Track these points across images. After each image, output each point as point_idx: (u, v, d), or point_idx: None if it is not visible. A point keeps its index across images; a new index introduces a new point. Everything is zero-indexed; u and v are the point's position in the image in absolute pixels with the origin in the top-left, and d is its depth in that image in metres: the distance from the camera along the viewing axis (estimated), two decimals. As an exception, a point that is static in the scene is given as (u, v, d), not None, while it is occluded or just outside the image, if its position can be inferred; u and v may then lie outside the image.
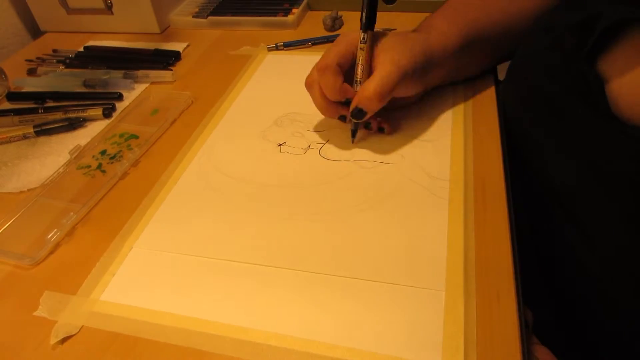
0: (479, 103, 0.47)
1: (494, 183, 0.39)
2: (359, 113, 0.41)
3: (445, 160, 0.41)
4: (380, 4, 0.46)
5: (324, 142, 0.45)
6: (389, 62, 0.40)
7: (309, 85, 0.44)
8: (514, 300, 0.30)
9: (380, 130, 0.45)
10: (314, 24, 0.68)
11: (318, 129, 0.47)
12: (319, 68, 0.41)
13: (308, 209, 0.38)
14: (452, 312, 0.30)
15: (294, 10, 0.69)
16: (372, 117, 0.43)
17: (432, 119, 0.46)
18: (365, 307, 0.31)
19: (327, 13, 0.66)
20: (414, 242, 0.35)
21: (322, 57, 0.42)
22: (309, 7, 0.72)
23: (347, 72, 0.42)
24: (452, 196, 0.38)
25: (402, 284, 0.32)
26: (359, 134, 0.45)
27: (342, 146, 0.45)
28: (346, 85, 0.41)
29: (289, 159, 0.44)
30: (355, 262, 0.34)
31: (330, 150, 0.44)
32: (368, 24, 0.41)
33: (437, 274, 0.32)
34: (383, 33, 0.43)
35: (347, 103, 0.42)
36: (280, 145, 0.46)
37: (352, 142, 0.45)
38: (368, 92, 0.39)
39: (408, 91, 0.43)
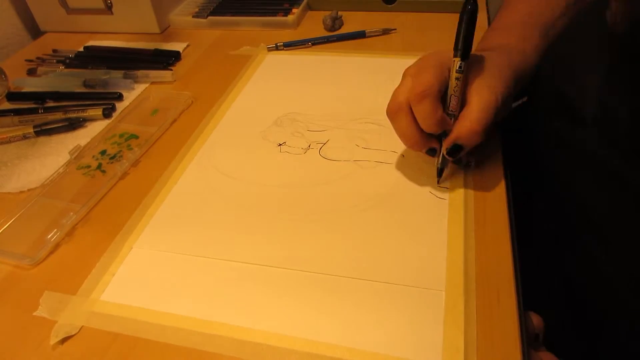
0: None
1: (494, 183, 0.39)
2: (455, 149, 0.36)
3: (445, 160, 0.41)
4: (380, 3, 0.45)
5: (324, 142, 0.45)
6: (486, 90, 0.35)
7: (394, 111, 0.37)
8: (514, 300, 0.30)
9: (467, 166, 0.40)
10: (314, 24, 0.68)
11: (318, 129, 0.47)
12: (417, 94, 0.35)
13: (308, 209, 0.38)
14: (452, 312, 0.30)
15: (294, 10, 0.69)
16: (468, 154, 0.38)
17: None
18: (365, 307, 0.31)
19: (327, 13, 0.66)
20: (414, 242, 0.35)
21: (417, 81, 0.35)
22: (309, 7, 0.73)
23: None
24: (452, 196, 0.38)
25: (403, 284, 0.32)
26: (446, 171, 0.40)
27: (342, 146, 0.45)
28: (445, 115, 0.36)
29: (289, 159, 0.44)
30: (355, 262, 0.34)
31: (330, 150, 0.44)
32: (465, 51, 0.35)
33: (437, 274, 0.32)
34: (472, 56, 0.37)
35: (437, 134, 0.37)
36: (280, 145, 0.46)
37: (438, 182, 0.39)
38: (469, 125, 0.35)
39: (499, 118, 0.37)
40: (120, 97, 0.56)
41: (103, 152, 0.47)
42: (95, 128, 0.52)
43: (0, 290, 0.35)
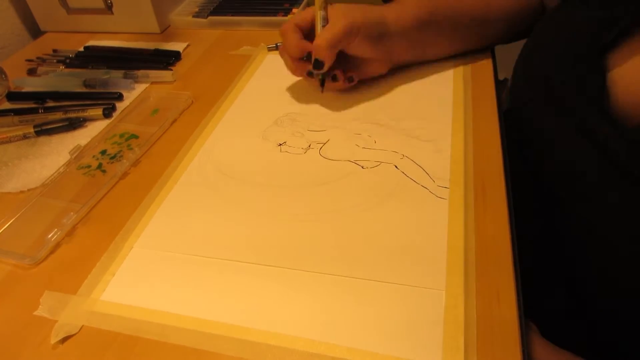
0: (479, 103, 0.47)
1: (494, 183, 0.39)
2: (317, 63, 0.45)
3: (445, 160, 0.41)
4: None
5: (324, 142, 0.45)
6: (340, 15, 0.45)
7: (280, 52, 0.49)
8: (514, 300, 0.30)
9: (350, 79, 0.49)
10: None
11: (318, 129, 0.47)
12: (280, 32, 0.47)
13: (308, 209, 0.38)
14: (452, 312, 0.30)
15: (294, 10, 0.69)
16: (337, 70, 0.47)
17: (432, 119, 0.46)
18: (365, 306, 0.31)
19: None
20: (414, 242, 0.35)
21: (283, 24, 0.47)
22: (308, 5, 0.72)
23: (311, 36, 0.46)
24: (452, 196, 0.38)
25: (402, 284, 0.32)
26: (327, 86, 0.49)
27: (342, 146, 0.45)
28: (305, 41, 0.46)
29: (289, 159, 0.44)
30: (355, 262, 0.34)
31: (330, 150, 0.44)
32: None
33: (437, 274, 0.32)
34: (341, 3, 0.47)
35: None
36: (280, 145, 0.46)
37: (322, 91, 0.49)
38: (319, 41, 0.44)
39: (365, 51, 0.47)
40: (120, 97, 0.56)
41: (103, 152, 0.47)
42: (96, 128, 0.52)
43: (0, 290, 0.35)
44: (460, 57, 0.53)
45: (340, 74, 0.48)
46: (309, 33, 0.47)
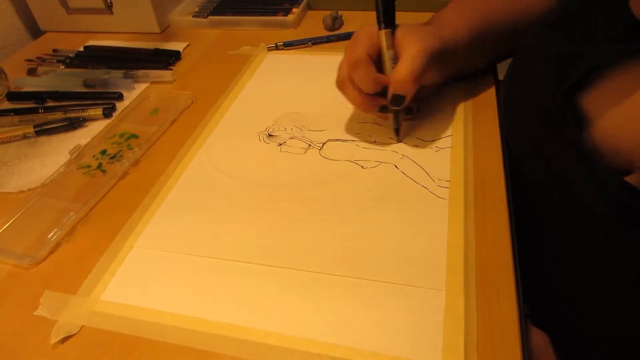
0: (479, 103, 0.47)
1: (494, 183, 0.39)
2: (397, 99, 0.40)
3: (446, 160, 0.41)
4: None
5: (324, 142, 0.45)
6: (416, 43, 0.40)
7: (341, 83, 0.43)
8: (514, 300, 0.30)
9: (419, 110, 0.46)
10: (314, 23, 0.68)
11: (318, 129, 0.47)
12: (350, 63, 0.40)
13: (308, 209, 0.38)
14: (452, 312, 0.30)
15: (294, 10, 0.69)
16: (410, 102, 0.42)
17: (432, 119, 0.46)
18: (365, 306, 0.31)
19: (327, 12, 0.66)
20: (414, 242, 0.35)
21: (349, 53, 0.41)
22: (309, 7, 0.72)
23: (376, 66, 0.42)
24: (452, 196, 0.38)
25: (402, 284, 0.32)
26: (403, 129, 0.44)
27: (342, 146, 0.45)
28: (381, 75, 0.41)
29: (289, 159, 0.44)
30: (355, 262, 0.34)
31: (331, 150, 0.44)
32: (389, 20, 0.41)
33: (437, 274, 0.32)
34: (399, 25, 0.42)
35: (383, 94, 0.42)
36: (280, 145, 0.46)
37: (398, 140, 0.44)
38: (402, 74, 0.39)
39: (433, 77, 0.43)
40: (120, 97, 0.56)
41: (103, 152, 0.47)
42: (96, 128, 0.52)
43: (0, 290, 0.35)
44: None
45: (414, 104, 0.45)
46: (375, 60, 0.42)
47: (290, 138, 0.46)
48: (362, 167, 0.42)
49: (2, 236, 0.39)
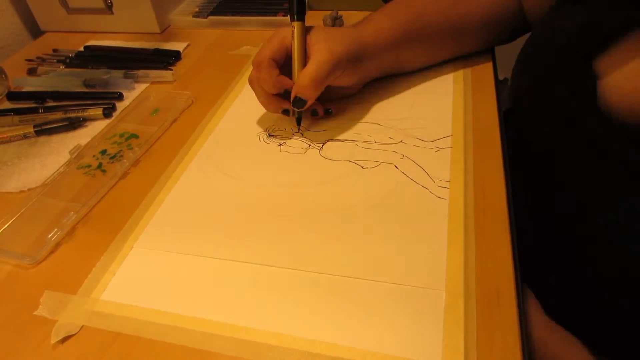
0: (479, 103, 0.47)
1: (494, 183, 0.39)
2: (298, 102, 0.42)
3: (445, 160, 0.41)
4: (380, 3, 0.47)
5: (324, 142, 0.45)
6: (323, 50, 0.42)
7: (250, 82, 0.45)
8: (514, 300, 0.30)
9: (328, 112, 0.48)
10: (314, 23, 0.68)
11: (318, 129, 0.47)
12: (254, 64, 0.43)
13: (308, 209, 0.38)
14: (452, 312, 0.30)
15: (294, 10, 0.69)
16: (316, 104, 0.45)
17: (432, 119, 0.46)
18: (365, 306, 0.31)
19: (327, 13, 0.66)
20: (414, 242, 0.35)
21: (257, 54, 0.43)
22: (309, 7, 0.72)
23: (286, 67, 0.43)
24: (452, 196, 0.38)
25: (402, 284, 0.32)
26: (306, 121, 0.47)
27: (342, 146, 0.45)
28: (282, 77, 0.43)
29: (289, 159, 0.44)
30: (355, 262, 0.34)
31: (330, 150, 0.44)
32: (298, 14, 0.43)
33: (437, 274, 0.32)
34: (316, 27, 0.44)
35: (288, 96, 0.43)
36: (280, 145, 0.46)
37: (298, 130, 0.47)
38: (304, 80, 0.41)
39: (344, 80, 0.45)
40: (120, 97, 0.56)
41: (103, 152, 0.47)
42: (96, 128, 0.52)
43: (0, 290, 0.35)
44: (460, 58, 0.53)
45: (320, 108, 0.46)
46: (284, 64, 0.44)
47: (290, 138, 0.46)
48: (362, 167, 0.42)
49: (2, 236, 0.39)
